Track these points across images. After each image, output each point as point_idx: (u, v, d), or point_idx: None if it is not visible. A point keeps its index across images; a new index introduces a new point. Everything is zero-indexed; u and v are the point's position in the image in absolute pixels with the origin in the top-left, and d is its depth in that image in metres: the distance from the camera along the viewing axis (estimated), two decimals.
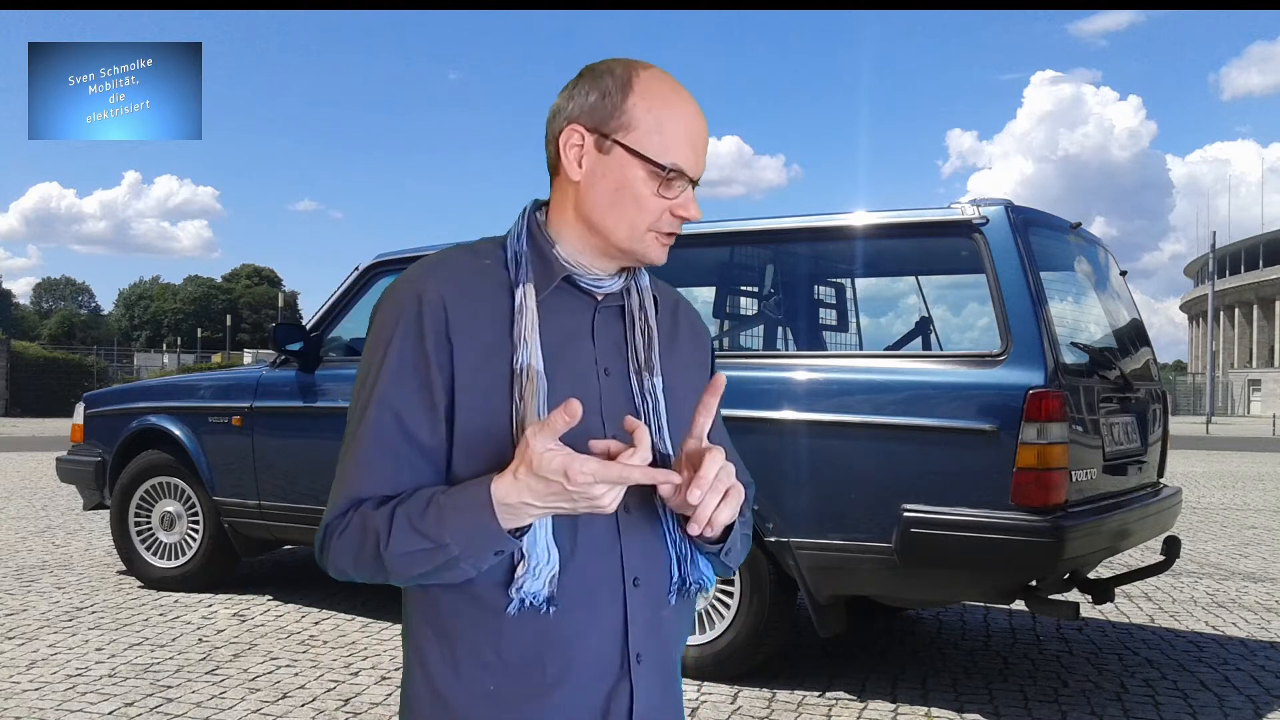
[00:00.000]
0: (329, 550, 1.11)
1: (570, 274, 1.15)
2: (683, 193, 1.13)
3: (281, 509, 5.17)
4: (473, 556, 1.05)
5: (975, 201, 3.92)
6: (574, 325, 1.15)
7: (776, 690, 4.04)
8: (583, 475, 0.99)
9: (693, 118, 1.14)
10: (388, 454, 1.10)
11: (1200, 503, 11.07)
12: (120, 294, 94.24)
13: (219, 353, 58.92)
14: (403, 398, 1.10)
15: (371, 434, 1.11)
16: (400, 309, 1.11)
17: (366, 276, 5.32)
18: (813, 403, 3.95)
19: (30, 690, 3.90)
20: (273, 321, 62.41)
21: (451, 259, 1.15)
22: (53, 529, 8.05)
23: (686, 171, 1.12)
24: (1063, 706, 3.91)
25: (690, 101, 1.15)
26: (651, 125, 1.12)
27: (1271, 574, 6.80)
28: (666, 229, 1.14)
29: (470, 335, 1.10)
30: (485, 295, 1.12)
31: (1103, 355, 4.21)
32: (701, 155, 1.15)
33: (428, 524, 1.04)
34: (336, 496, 1.12)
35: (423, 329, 1.09)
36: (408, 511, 1.05)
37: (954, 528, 3.58)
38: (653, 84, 1.13)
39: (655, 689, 1.16)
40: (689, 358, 1.25)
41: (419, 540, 1.04)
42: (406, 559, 1.05)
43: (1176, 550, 4.24)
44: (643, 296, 1.20)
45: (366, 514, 1.08)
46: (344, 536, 1.09)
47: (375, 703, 3.81)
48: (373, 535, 1.06)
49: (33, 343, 43.66)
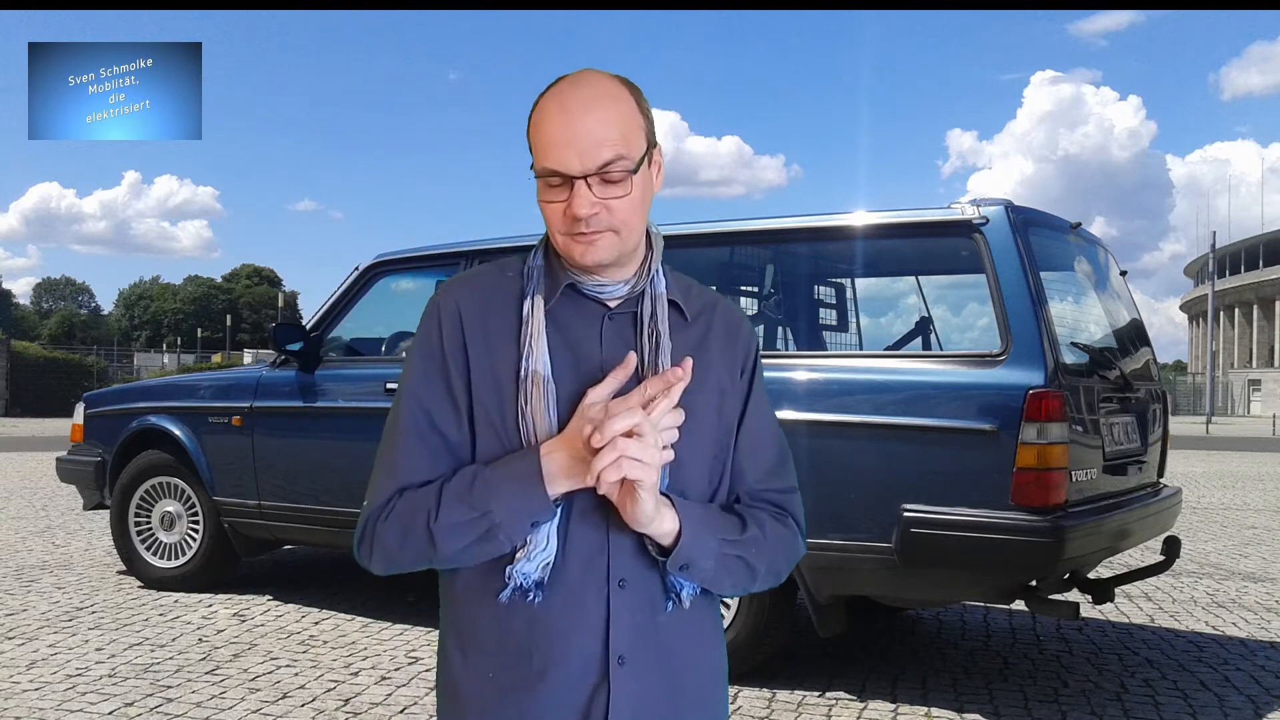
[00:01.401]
0: (376, 535, 1.17)
1: (574, 281, 1.20)
2: (570, 192, 1.14)
3: (281, 509, 5.17)
4: (513, 525, 1.12)
5: (975, 201, 3.92)
6: (582, 332, 1.20)
7: (776, 690, 4.04)
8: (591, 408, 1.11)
9: (561, 116, 1.14)
10: (423, 445, 1.19)
11: (1200, 503, 11.08)
12: (120, 294, 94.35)
13: (219, 353, 58.93)
14: (430, 396, 1.20)
15: (409, 428, 1.19)
16: (429, 317, 1.23)
17: (366, 276, 5.32)
18: (813, 403, 3.95)
19: (30, 690, 3.90)
20: (273, 321, 62.40)
21: (479, 274, 1.26)
22: (53, 529, 8.05)
23: (560, 170, 1.14)
24: (1063, 706, 3.91)
25: (566, 100, 1.15)
26: (534, 141, 1.17)
27: (1271, 574, 6.80)
28: (569, 230, 1.16)
29: (483, 343, 1.19)
30: (498, 306, 1.21)
31: (1103, 355, 4.21)
32: (585, 149, 1.13)
33: (475, 495, 1.12)
34: (380, 485, 1.19)
35: (442, 336, 1.21)
36: (454, 486, 1.14)
37: (954, 528, 3.58)
38: (542, 102, 1.18)
39: (648, 695, 1.16)
40: (718, 357, 1.25)
41: (465, 511, 1.12)
42: (453, 531, 1.13)
43: (1176, 550, 4.24)
44: (655, 304, 1.22)
45: (412, 494, 1.16)
46: (391, 519, 1.16)
47: (375, 703, 3.81)
48: (423, 511, 1.14)
49: (33, 343, 43.65)
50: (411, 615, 5.15)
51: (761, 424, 1.28)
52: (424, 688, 3.99)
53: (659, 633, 1.17)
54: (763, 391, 1.29)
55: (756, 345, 1.31)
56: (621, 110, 1.16)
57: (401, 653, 4.49)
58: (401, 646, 4.60)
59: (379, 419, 1.28)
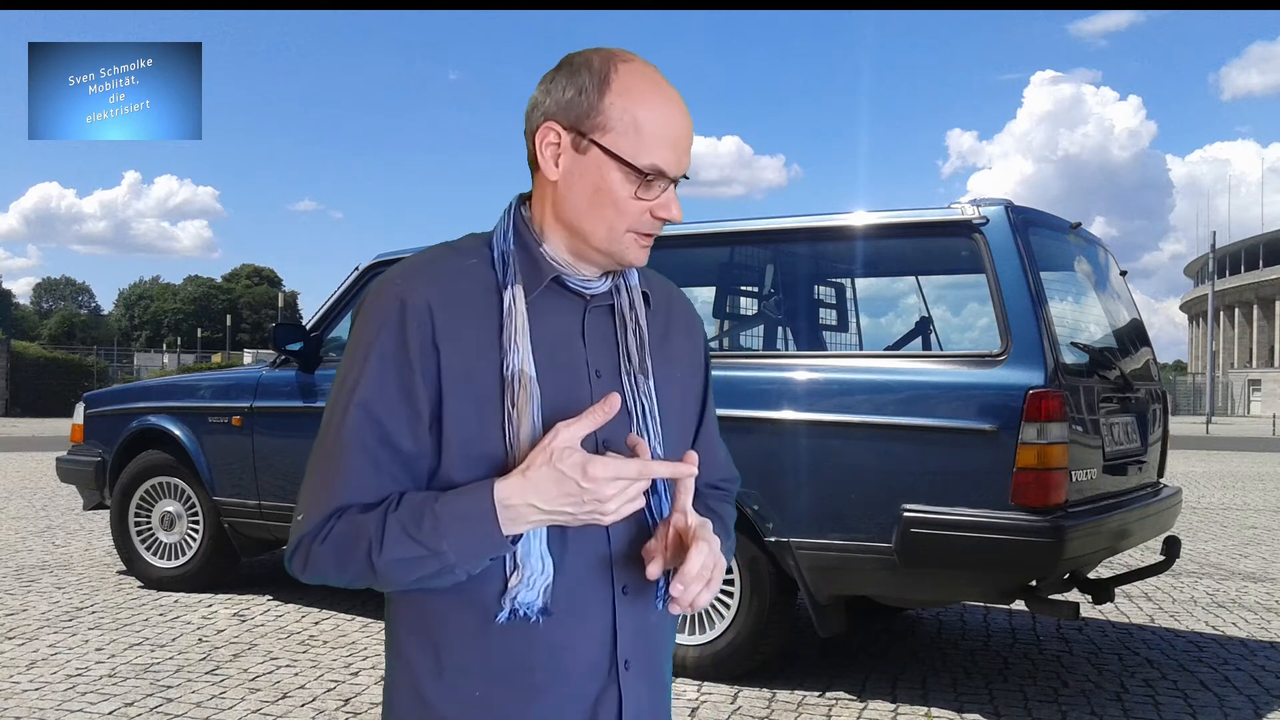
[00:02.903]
0: (311, 556, 1.07)
1: (559, 274, 1.12)
2: (663, 193, 1.10)
3: (281, 509, 5.17)
4: (468, 562, 1.04)
5: (975, 201, 3.92)
6: (564, 327, 1.12)
7: (776, 690, 4.04)
8: (603, 469, 1.00)
9: (673, 114, 1.10)
10: (369, 461, 1.07)
11: (1200, 503, 11.07)
12: (120, 294, 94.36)
13: (219, 353, 58.92)
14: (385, 405, 1.06)
15: (353, 441, 1.07)
16: (385, 313, 1.08)
17: (366, 276, 5.32)
18: (813, 403, 3.95)
19: (30, 690, 3.90)
20: (273, 321, 62.39)
21: (436, 260, 1.12)
22: (53, 529, 8.05)
23: (666, 171, 1.09)
24: (1063, 706, 3.91)
25: (671, 96, 1.11)
26: (629, 125, 1.08)
27: (1271, 574, 6.80)
28: (646, 230, 1.11)
29: (457, 340, 1.07)
30: (472, 298, 1.09)
31: (1103, 355, 4.21)
32: (684, 152, 1.10)
33: (424, 532, 1.02)
34: (315, 503, 1.08)
35: (406, 335, 1.06)
36: (400, 519, 1.03)
37: (954, 528, 3.58)
38: (631, 79, 1.09)
39: (644, 694, 1.15)
40: (680, 353, 1.23)
41: (414, 548, 1.02)
42: (400, 565, 1.03)
43: (1176, 550, 4.24)
44: (632, 296, 1.17)
45: (355, 519, 1.05)
46: (328, 543, 1.06)
47: (375, 703, 3.81)
48: (364, 541, 1.03)
49: (33, 343, 43.62)
50: None
51: (713, 416, 1.30)
52: None
53: (650, 633, 1.17)
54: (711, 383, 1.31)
55: (706, 336, 1.32)
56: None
57: None
58: None
59: None
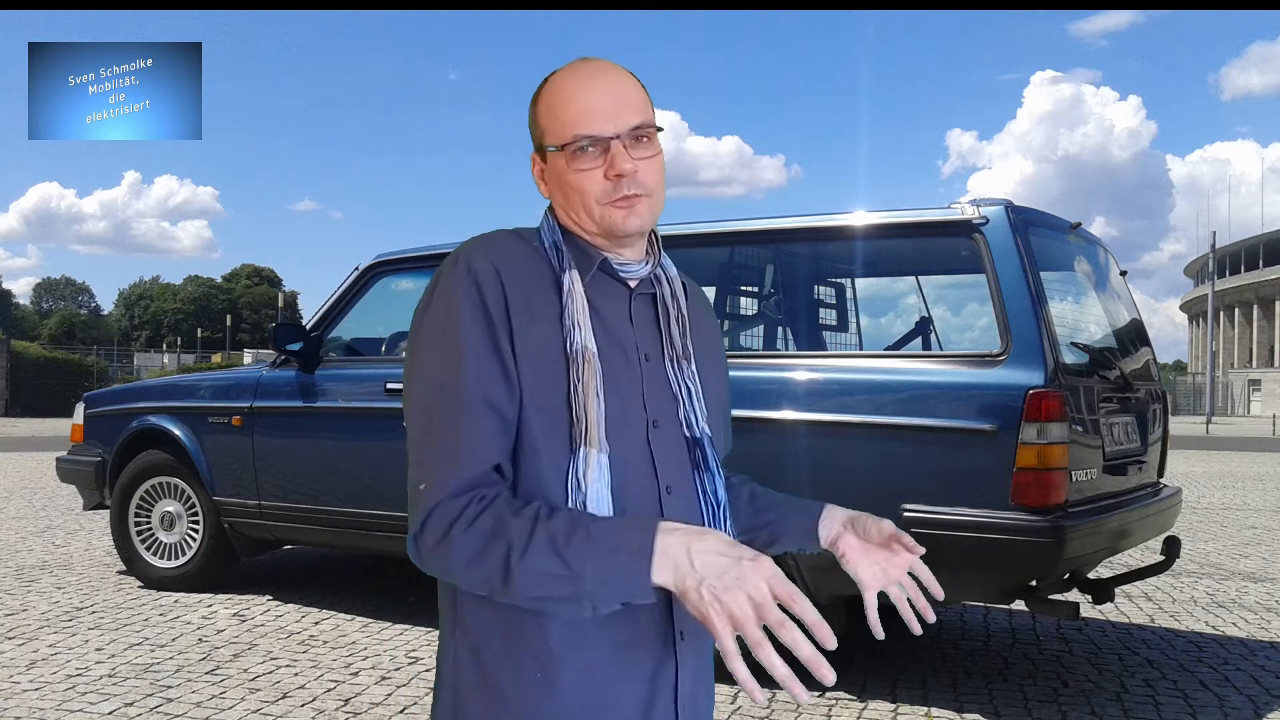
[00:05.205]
0: (451, 538, 1.03)
1: (606, 259, 1.18)
2: (606, 154, 1.13)
3: (281, 509, 5.17)
4: (602, 598, 1.01)
5: (975, 201, 3.92)
6: (614, 311, 1.18)
7: (777, 690, 4.04)
8: (773, 571, 1.00)
9: (579, 84, 1.15)
10: (488, 423, 1.07)
11: (1200, 503, 11.07)
12: (120, 294, 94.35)
13: (219, 353, 58.91)
14: (487, 372, 1.08)
15: (472, 402, 1.07)
16: (460, 280, 1.11)
17: (366, 277, 5.32)
18: (813, 403, 3.95)
19: (30, 690, 3.90)
20: (273, 321, 62.39)
21: (500, 240, 1.17)
22: (53, 529, 8.04)
23: (593, 134, 1.13)
24: (1063, 706, 3.91)
25: (583, 70, 1.16)
26: (550, 117, 1.16)
27: (1271, 574, 6.80)
28: (615, 195, 1.14)
29: (526, 313, 1.11)
30: (535, 277, 1.14)
31: (1103, 355, 4.21)
32: (611, 111, 1.13)
33: (572, 550, 1.00)
34: (444, 470, 1.06)
35: (485, 302, 1.09)
36: (551, 529, 1.01)
37: (954, 528, 3.58)
38: (552, 82, 1.18)
39: (697, 668, 1.19)
40: (706, 334, 1.30)
41: (555, 563, 1.00)
42: (534, 577, 1.01)
43: (1176, 550, 4.24)
44: (673, 285, 1.23)
45: (502, 515, 1.03)
46: (472, 531, 1.03)
47: (375, 703, 3.81)
48: (504, 543, 1.01)
49: (33, 343, 43.59)
50: (412, 615, 5.15)
51: (726, 410, 1.35)
52: (424, 688, 3.99)
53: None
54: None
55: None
56: (634, 80, 1.19)
57: (401, 653, 4.49)
58: (401, 646, 4.59)
59: (379, 419, 1.27)
